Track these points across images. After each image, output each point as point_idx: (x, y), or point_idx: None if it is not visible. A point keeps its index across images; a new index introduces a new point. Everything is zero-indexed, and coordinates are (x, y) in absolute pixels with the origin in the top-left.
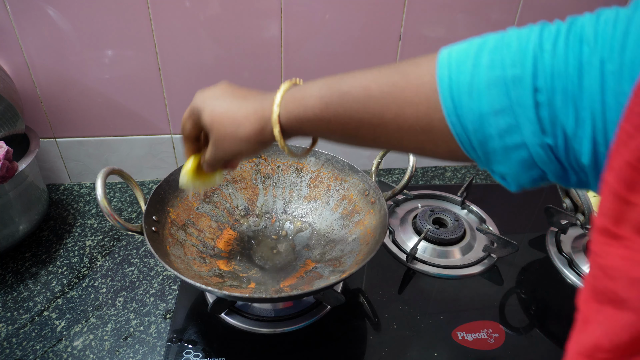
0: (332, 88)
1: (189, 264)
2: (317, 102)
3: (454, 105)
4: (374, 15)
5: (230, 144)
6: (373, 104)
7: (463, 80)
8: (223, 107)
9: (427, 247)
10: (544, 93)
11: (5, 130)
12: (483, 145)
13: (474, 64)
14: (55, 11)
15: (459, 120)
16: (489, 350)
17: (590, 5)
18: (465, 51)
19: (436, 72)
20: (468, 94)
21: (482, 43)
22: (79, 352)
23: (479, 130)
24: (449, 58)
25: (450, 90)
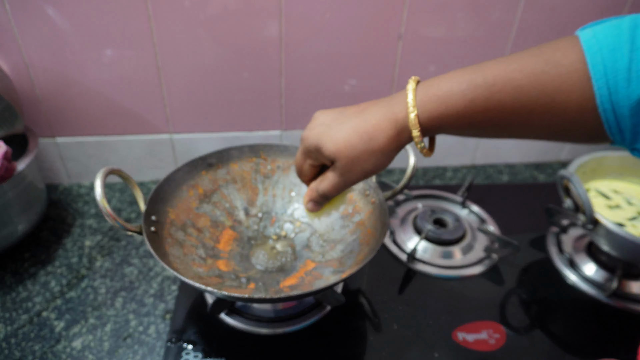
0: (474, 81)
1: (188, 264)
2: (461, 99)
3: (610, 92)
4: (374, 15)
5: (365, 163)
6: (522, 94)
7: (620, 66)
8: (347, 129)
9: (427, 248)
10: None
11: (4, 130)
12: (636, 127)
13: (632, 48)
14: (54, 10)
15: (612, 107)
16: (489, 351)
17: (591, 4)
18: (615, 35)
19: (587, 59)
20: (626, 80)
21: (634, 26)
22: (78, 353)
23: (636, 114)
24: (597, 43)
25: (605, 77)
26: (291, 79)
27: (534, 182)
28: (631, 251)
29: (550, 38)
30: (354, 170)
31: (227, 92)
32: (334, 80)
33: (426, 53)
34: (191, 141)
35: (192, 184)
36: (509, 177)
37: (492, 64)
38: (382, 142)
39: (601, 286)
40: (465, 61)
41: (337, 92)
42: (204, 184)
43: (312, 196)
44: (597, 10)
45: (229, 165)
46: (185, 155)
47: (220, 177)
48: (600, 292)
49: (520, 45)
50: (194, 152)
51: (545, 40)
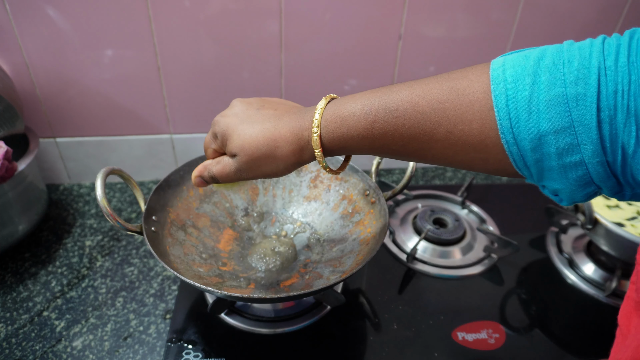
0: (377, 105)
1: (188, 264)
2: (362, 121)
3: (511, 124)
4: (374, 15)
5: (265, 166)
6: (423, 121)
7: (521, 98)
8: (255, 130)
9: (427, 247)
10: (606, 111)
11: (4, 130)
12: (539, 163)
13: (533, 80)
14: (54, 11)
15: (515, 140)
16: (489, 350)
17: (591, 5)
18: (521, 66)
19: (491, 88)
20: (527, 112)
21: (539, 57)
22: (79, 353)
23: (537, 150)
24: (504, 73)
25: (507, 109)
26: (291, 79)
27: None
28: (630, 251)
29: (549, 38)
30: (251, 170)
31: (227, 92)
32: (334, 80)
33: (426, 53)
34: (191, 141)
35: (193, 184)
36: (509, 177)
37: (399, 88)
38: (285, 153)
39: (600, 286)
40: (465, 61)
41: (337, 92)
42: None
43: (202, 173)
44: (596, 10)
45: None
46: (186, 155)
47: None
48: (600, 292)
49: (519, 45)
50: (194, 152)
51: (544, 41)
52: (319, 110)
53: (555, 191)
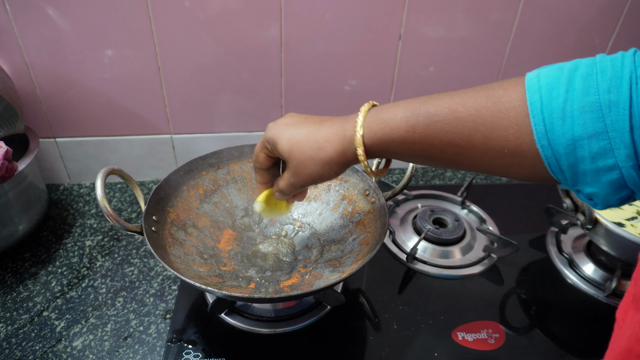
0: (418, 110)
1: (188, 264)
2: (403, 124)
3: (546, 129)
4: (374, 15)
5: (311, 169)
6: (461, 126)
7: (555, 105)
8: (301, 133)
9: (427, 247)
10: (638, 117)
11: (4, 130)
12: (573, 167)
13: (567, 89)
14: (54, 11)
15: (549, 144)
16: (489, 350)
17: (591, 6)
18: (555, 76)
19: (526, 96)
20: (561, 118)
21: (573, 69)
22: (79, 353)
23: (571, 154)
24: (538, 82)
25: (542, 115)
26: (291, 79)
27: (533, 182)
28: (630, 251)
29: (548, 38)
30: (301, 173)
31: (227, 92)
32: (334, 80)
33: (426, 53)
34: (191, 141)
35: (193, 184)
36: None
37: (438, 96)
38: (329, 155)
39: (600, 286)
40: (465, 61)
41: (337, 92)
42: (205, 184)
43: (275, 189)
44: (596, 10)
45: (230, 165)
46: (186, 155)
47: (220, 177)
48: (600, 292)
49: (519, 45)
50: (194, 152)
51: (543, 41)
52: (362, 113)
53: (589, 195)
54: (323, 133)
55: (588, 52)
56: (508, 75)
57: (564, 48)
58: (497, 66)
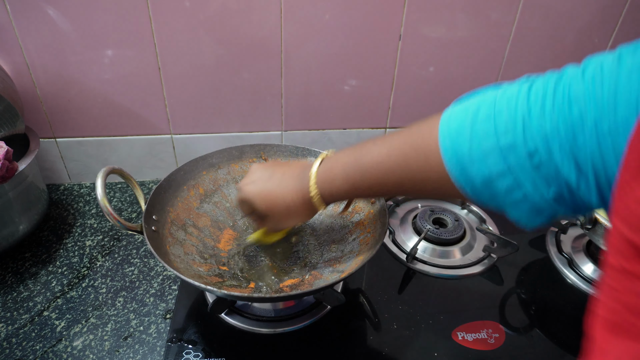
0: (353, 167)
1: (188, 264)
2: (344, 182)
3: (460, 172)
4: (374, 15)
5: (287, 222)
6: (391, 175)
7: (463, 150)
8: (271, 195)
9: (427, 247)
10: (541, 154)
11: (5, 130)
12: (493, 199)
13: (471, 134)
14: (55, 11)
15: (467, 184)
16: (489, 350)
17: (591, 6)
18: (461, 120)
19: (439, 143)
20: (469, 162)
21: (476, 110)
22: (79, 352)
23: (486, 190)
24: (448, 127)
25: (454, 160)
26: (291, 79)
27: None
28: None
29: (548, 38)
30: (280, 224)
31: (228, 92)
32: (334, 80)
33: (426, 53)
34: (191, 141)
35: (193, 184)
36: None
37: (369, 149)
38: (299, 211)
39: None
40: (465, 61)
41: (337, 92)
42: (205, 183)
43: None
44: (595, 11)
45: (230, 165)
46: (186, 155)
47: (221, 177)
48: None
49: (519, 46)
50: (195, 152)
51: (543, 41)
52: (313, 176)
53: (515, 219)
54: (289, 195)
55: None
56: (508, 75)
57: (564, 48)
58: (497, 66)
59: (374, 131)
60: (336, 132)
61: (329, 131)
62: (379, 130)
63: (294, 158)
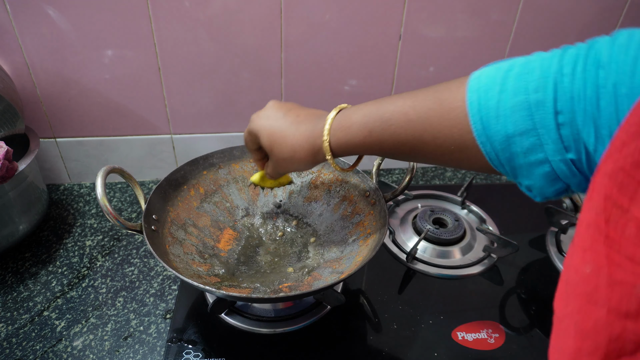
0: (374, 115)
1: (188, 264)
2: (362, 129)
3: (483, 127)
4: (374, 15)
5: (288, 165)
6: (412, 129)
7: (490, 104)
8: (279, 133)
9: (427, 247)
10: (566, 114)
11: (5, 130)
12: (510, 161)
13: (500, 89)
14: (55, 11)
15: (488, 141)
16: (489, 350)
17: (591, 6)
18: (492, 76)
19: (466, 97)
20: (495, 117)
21: (509, 68)
22: (79, 352)
23: (506, 149)
24: (478, 83)
25: (479, 114)
26: (291, 79)
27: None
28: None
29: (548, 38)
30: (280, 167)
31: (227, 92)
32: (334, 80)
33: (426, 53)
34: (192, 141)
35: (194, 184)
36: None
37: (393, 100)
38: (303, 157)
39: None
40: (465, 61)
41: (337, 92)
42: (206, 183)
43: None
44: (596, 11)
45: (231, 165)
46: (186, 155)
47: (221, 177)
48: None
49: (519, 46)
50: (195, 152)
51: (543, 41)
52: (329, 120)
53: (528, 187)
54: (297, 136)
55: None
56: None
57: None
58: None
59: None
60: None
61: None
62: None
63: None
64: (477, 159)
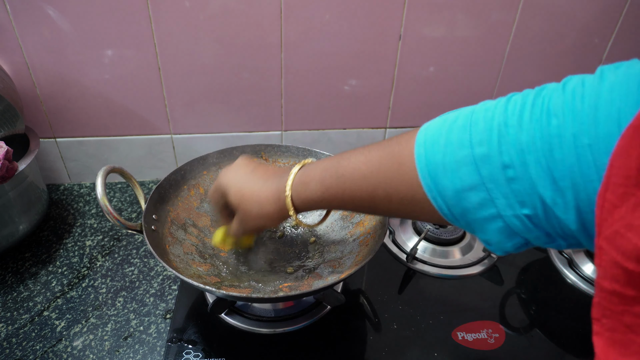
0: (330, 170)
1: (188, 264)
2: (319, 186)
3: (433, 182)
4: (374, 15)
5: (255, 221)
6: (365, 183)
7: (437, 159)
8: (247, 189)
9: (427, 247)
10: (516, 168)
11: (5, 130)
12: (464, 216)
13: (446, 143)
14: (55, 11)
15: (439, 196)
16: (489, 350)
17: (591, 6)
18: (438, 129)
19: (414, 151)
20: (442, 172)
21: (454, 120)
22: (79, 352)
23: (457, 205)
24: (424, 136)
25: (427, 169)
26: (291, 79)
27: None
28: None
29: (548, 38)
30: (246, 224)
31: (228, 92)
32: (334, 80)
33: (426, 53)
34: (192, 141)
35: (194, 184)
36: None
37: (349, 155)
38: (269, 212)
39: None
40: (465, 61)
41: (337, 92)
42: (206, 183)
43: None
44: (595, 11)
45: None
46: (186, 155)
47: None
48: None
49: (519, 46)
50: (195, 152)
51: (543, 41)
52: (291, 176)
53: (486, 241)
54: (263, 192)
55: (588, 52)
56: (508, 75)
57: (564, 48)
58: (497, 66)
59: (374, 131)
60: (336, 132)
61: (329, 131)
62: (379, 130)
63: (294, 158)
64: (429, 212)
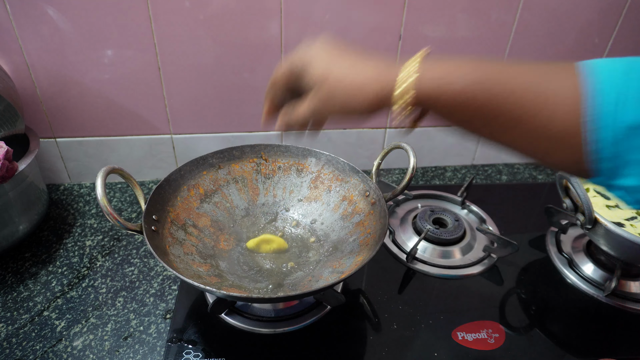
0: (479, 70)
1: (188, 264)
2: (461, 80)
3: (598, 114)
4: (374, 15)
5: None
6: (516, 97)
7: (612, 90)
8: (344, 64)
9: (427, 247)
10: None
11: (5, 130)
12: (619, 156)
13: (627, 77)
14: (55, 11)
15: (599, 129)
16: (489, 350)
17: (591, 6)
18: (614, 64)
19: (579, 79)
20: (615, 104)
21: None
22: (79, 352)
23: (623, 141)
24: (596, 68)
25: (594, 99)
26: None
27: (533, 182)
28: (630, 251)
29: (548, 38)
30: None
31: (228, 92)
32: None
33: None
34: (192, 141)
35: (193, 184)
36: (508, 177)
37: (498, 62)
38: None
39: (600, 286)
40: None
41: None
42: (205, 183)
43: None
44: (595, 11)
45: (230, 165)
46: (186, 156)
47: (221, 177)
48: (599, 292)
49: (519, 46)
50: (195, 152)
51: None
52: (417, 60)
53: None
54: (369, 71)
55: (588, 52)
56: None
57: (564, 48)
58: None
59: (374, 131)
60: (336, 132)
61: (329, 131)
62: (379, 130)
63: (294, 158)
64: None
